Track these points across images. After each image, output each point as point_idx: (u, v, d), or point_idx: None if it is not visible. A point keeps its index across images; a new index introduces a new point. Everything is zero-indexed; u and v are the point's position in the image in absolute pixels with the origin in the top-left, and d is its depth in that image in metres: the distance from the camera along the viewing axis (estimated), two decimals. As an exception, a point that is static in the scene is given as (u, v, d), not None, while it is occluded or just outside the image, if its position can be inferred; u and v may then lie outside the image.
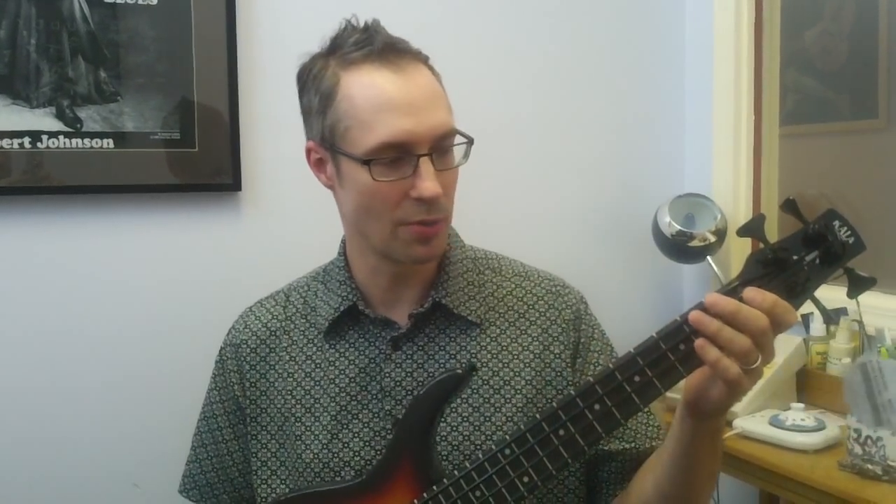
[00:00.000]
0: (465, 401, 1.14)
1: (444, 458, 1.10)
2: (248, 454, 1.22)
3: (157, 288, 1.86)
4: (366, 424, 1.15)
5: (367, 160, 1.05)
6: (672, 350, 0.93)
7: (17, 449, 1.77)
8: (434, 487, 1.00)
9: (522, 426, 0.97)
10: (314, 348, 1.20)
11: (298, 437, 1.17)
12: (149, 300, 1.86)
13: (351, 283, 1.19)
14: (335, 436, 1.15)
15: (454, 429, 1.13)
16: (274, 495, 1.18)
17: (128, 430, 1.84)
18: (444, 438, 1.12)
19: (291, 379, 1.19)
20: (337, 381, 1.17)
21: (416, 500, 0.99)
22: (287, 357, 1.21)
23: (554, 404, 0.97)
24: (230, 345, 1.25)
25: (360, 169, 1.06)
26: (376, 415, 1.15)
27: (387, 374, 1.15)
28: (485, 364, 1.15)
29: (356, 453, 1.14)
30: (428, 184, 1.05)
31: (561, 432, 0.95)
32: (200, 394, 1.29)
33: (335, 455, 1.15)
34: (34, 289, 1.78)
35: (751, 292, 0.91)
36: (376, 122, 1.05)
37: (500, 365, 1.16)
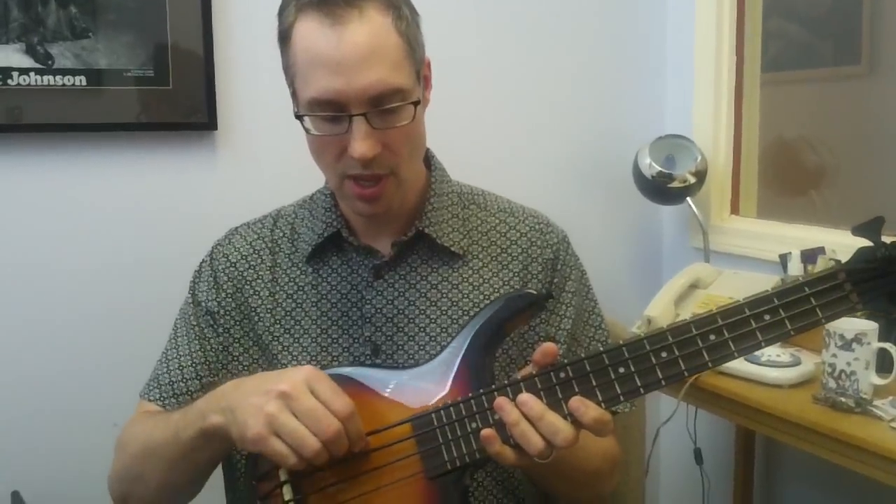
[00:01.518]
0: (444, 331, 1.16)
1: None
2: (203, 357, 1.20)
3: (131, 227, 1.87)
4: (345, 349, 1.17)
5: (302, 115, 1.07)
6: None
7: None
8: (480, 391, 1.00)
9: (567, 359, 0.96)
10: (297, 272, 1.21)
11: (275, 356, 1.18)
12: (123, 239, 1.86)
13: (336, 212, 1.20)
14: (315, 358, 1.17)
15: (433, 358, 1.13)
16: None
17: (106, 370, 1.86)
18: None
19: (272, 298, 1.20)
20: (319, 304, 1.19)
21: (470, 394, 0.99)
22: (269, 277, 1.22)
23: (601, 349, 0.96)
24: (210, 258, 1.26)
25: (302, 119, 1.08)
26: (356, 340, 1.17)
27: (368, 301, 1.17)
28: (465, 296, 1.18)
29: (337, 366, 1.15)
30: (357, 144, 1.05)
31: (621, 369, 0.95)
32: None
33: None
34: (7, 227, 1.78)
35: (574, 402, 0.93)
36: (309, 76, 1.05)
37: (481, 297, 1.18)
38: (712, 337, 0.92)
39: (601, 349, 0.95)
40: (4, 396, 1.81)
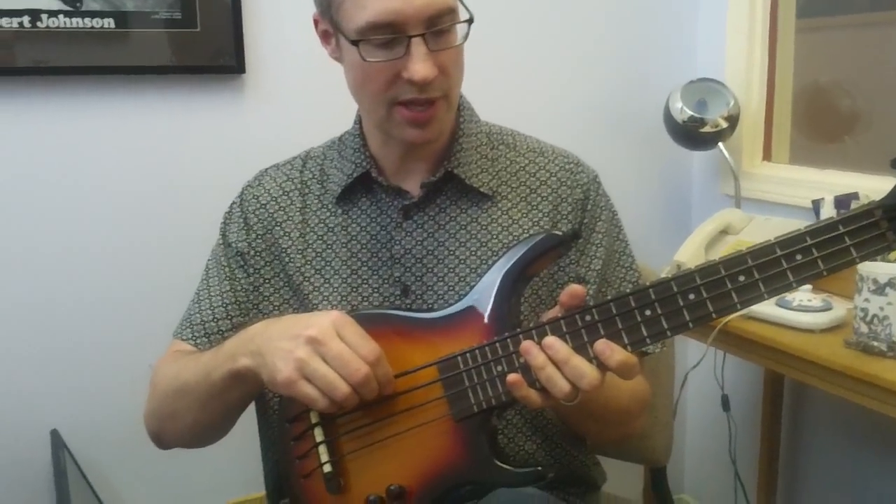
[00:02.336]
0: (473, 271, 1.17)
1: None
2: (234, 297, 1.22)
3: (158, 170, 1.88)
4: (375, 289, 1.18)
5: (357, 40, 1.05)
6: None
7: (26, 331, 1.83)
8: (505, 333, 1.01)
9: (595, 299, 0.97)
10: (327, 213, 1.22)
11: (307, 297, 1.20)
12: (150, 182, 1.88)
13: (365, 152, 1.20)
14: (345, 298, 1.18)
15: (460, 300, 1.14)
16: None
17: (140, 310, 1.89)
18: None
19: (302, 239, 1.21)
20: (349, 245, 1.20)
21: (496, 337, 1.00)
22: (299, 218, 1.23)
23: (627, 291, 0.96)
24: (240, 199, 1.27)
25: (352, 47, 1.06)
26: (385, 280, 1.18)
27: (397, 242, 1.18)
28: (494, 237, 1.18)
29: (364, 308, 1.18)
30: (419, 66, 1.04)
31: (648, 312, 0.94)
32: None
33: None
34: (36, 171, 1.80)
35: (600, 346, 0.93)
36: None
37: (511, 238, 1.18)
38: (742, 278, 0.90)
39: (627, 291, 0.94)
40: (43, 335, 1.84)
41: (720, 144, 2.09)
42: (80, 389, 1.88)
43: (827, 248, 0.89)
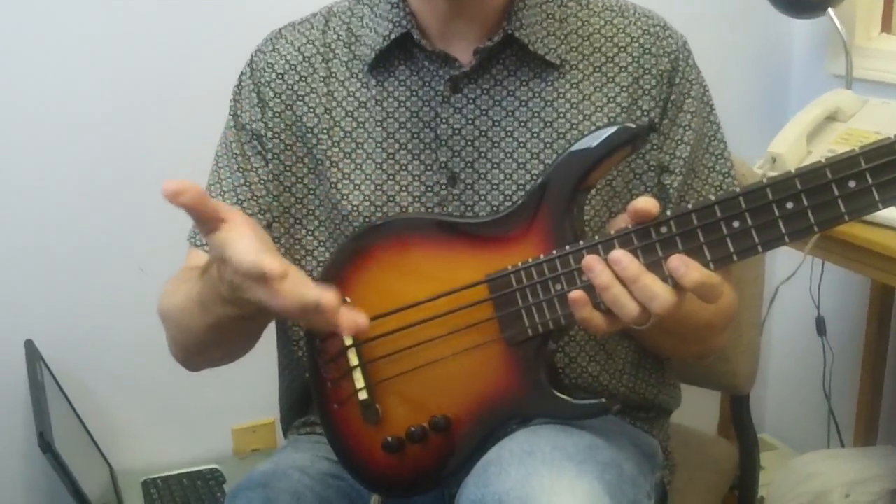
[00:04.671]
0: (535, 157, 1.18)
1: None
2: (250, 192, 1.23)
3: (151, 39, 1.89)
4: (416, 177, 1.20)
5: None
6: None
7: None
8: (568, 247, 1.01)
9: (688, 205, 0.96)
10: (358, 84, 1.22)
11: (334, 185, 1.21)
12: (142, 54, 1.89)
13: (404, 8, 1.19)
14: (379, 187, 1.20)
15: (521, 188, 1.18)
16: (297, 246, 1.24)
17: (130, 207, 1.92)
18: (508, 198, 1.18)
19: (328, 117, 1.22)
20: (384, 124, 1.21)
21: (554, 251, 1.02)
22: (324, 90, 1.23)
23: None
24: (250, 69, 1.27)
25: None
26: (429, 167, 1.20)
27: (443, 120, 1.19)
28: (561, 115, 1.18)
29: (404, 210, 1.19)
30: None
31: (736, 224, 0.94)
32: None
33: (379, 209, 1.20)
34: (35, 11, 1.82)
35: (674, 262, 0.94)
36: None
37: (581, 118, 1.18)
38: (852, 184, 0.89)
39: (712, 199, 0.94)
40: (16, 238, 1.89)
41: (830, 11, 2.06)
42: (55, 296, 1.93)
43: None
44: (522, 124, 1.18)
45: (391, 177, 1.20)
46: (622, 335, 1.23)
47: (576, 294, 0.97)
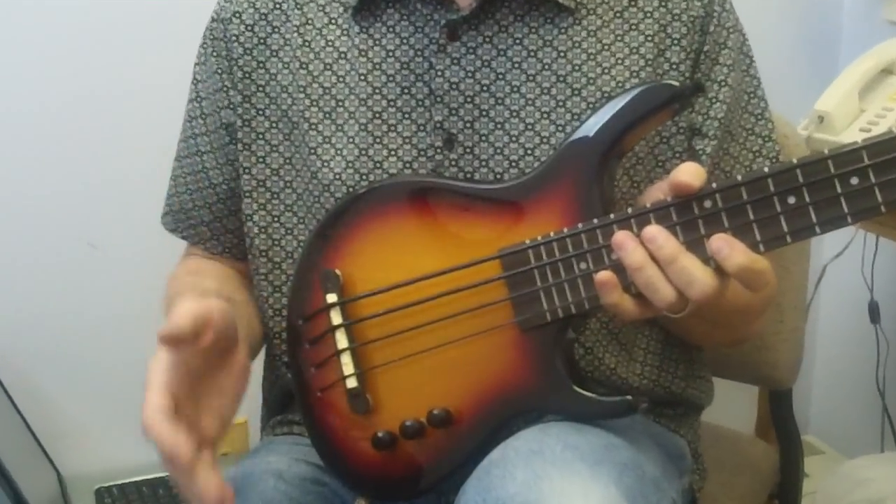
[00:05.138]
0: (545, 116, 1.17)
1: None
2: (233, 172, 1.28)
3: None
4: (407, 140, 1.19)
5: None
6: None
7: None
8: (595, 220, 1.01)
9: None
10: (338, 31, 1.22)
11: (313, 151, 1.21)
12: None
13: None
14: (364, 152, 1.19)
15: (529, 152, 1.17)
16: (276, 224, 1.26)
17: (85, 182, 1.93)
18: (514, 164, 1.17)
19: (305, 72, 1.21)
20: (369, 78, 1.19)
21: (580, 224, 1.01)
22: (299, 42, 1.22)
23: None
24: (216, 21, 1.27)
25: None
26: (422, 127, 1.18)
27: (438, 73, 1.17)
28: (576, 68, 1.17)
29: (391, 176, 1.18)
30: None
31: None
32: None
33: (364, 177, 1.19)
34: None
35: (718, 241, 0.93)
36: None
37: (599, 71, 1.17)
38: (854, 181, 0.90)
39: (766, 171, 0.94)
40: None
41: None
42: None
43: None
44: (531, 78, 1.17)
45: (378, 139, 1.19)
46: (644, 321, 1.22)
47: (604, 275, 0.96)
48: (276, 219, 1.26)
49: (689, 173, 0.95)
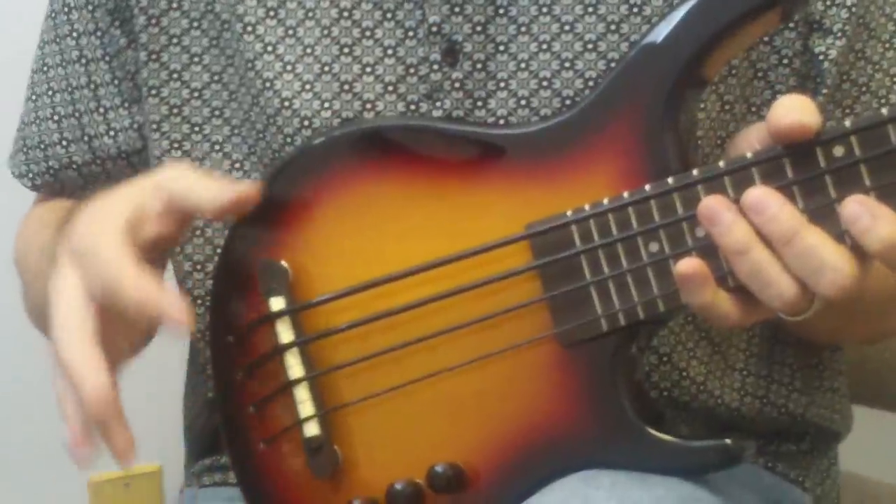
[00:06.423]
0: (590, 12, 0.95)
1: None
2: (132, 93, 1.10)
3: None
4: (389, 49, 0.99)
5: None
6: None
7: None
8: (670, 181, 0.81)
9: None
10: None
11: (251, 64, 1.00)
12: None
13: None
14: (327, 67, 1.00)
15: (567, 67, 0.98)
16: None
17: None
18: (546, 86, 0.98)
19: None
20: None
21: (647, 186, 0.81)
22: None
23: None
24: None
25: None
26: (410, 32, 0.98)
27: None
28: None
29: (367, 102, 0.97)
30: None
31: None
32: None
33: (326, 104, 1.00)
34: None
35: (854, 207, 0.75)
36: None
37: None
38: None
39: None
40: None
41: None
42: None
43: None
44: None
45: (346, 49, 0.99)
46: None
47: (687, 263, 0.77)
48: (199, 163, 1.06)
49: (798, 108, 0.76)
